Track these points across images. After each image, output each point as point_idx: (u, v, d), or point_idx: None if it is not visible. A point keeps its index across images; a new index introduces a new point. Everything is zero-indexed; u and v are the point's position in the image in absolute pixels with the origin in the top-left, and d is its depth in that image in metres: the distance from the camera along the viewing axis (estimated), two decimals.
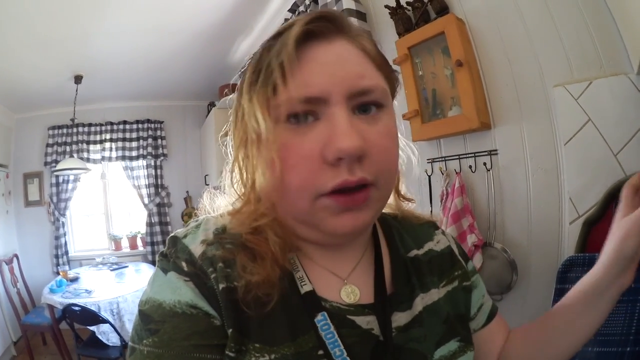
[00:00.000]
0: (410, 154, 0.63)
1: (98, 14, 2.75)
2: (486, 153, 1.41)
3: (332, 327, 0.47)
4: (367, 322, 0.50)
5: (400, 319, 0.52)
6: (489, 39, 1.38)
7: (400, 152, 0.55)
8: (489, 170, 1.40)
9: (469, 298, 0.62)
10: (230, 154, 0.54)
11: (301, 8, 2.28)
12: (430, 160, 1.63)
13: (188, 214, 4.82)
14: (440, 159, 1.60)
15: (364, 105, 0.46)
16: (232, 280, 0.46)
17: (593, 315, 0.56)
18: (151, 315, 0.45)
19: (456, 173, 1.52)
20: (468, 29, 1.43)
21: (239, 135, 0.51)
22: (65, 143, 4.39)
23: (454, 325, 0.56)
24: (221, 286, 0.45)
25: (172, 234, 0.52)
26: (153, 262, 4.37)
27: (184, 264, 0.47)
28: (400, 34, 1.64)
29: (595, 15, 1.08)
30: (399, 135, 0.52)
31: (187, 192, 4.88)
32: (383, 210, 0.61)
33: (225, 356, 0.44)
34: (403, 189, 0.64)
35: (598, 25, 1.08)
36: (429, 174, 1.64)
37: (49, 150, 4.43)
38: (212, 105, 4.30)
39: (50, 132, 4.47)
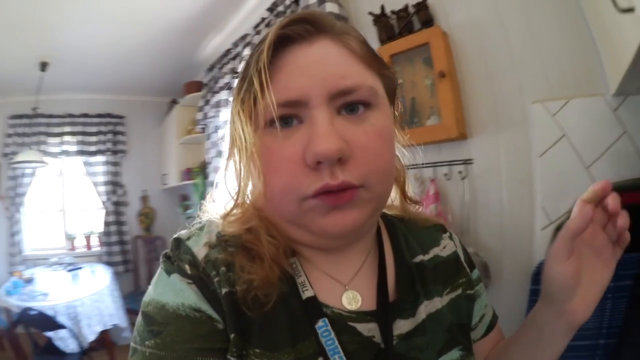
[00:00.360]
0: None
1: (66, 1, 2.62)
2: (461, 162, 1.47)
3: (333, 334, 0.47)
4: (368, 329, 0.49)
5: (403, 326, 0.51)
6: (472, 52, 1.45)
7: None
8: (463, 179, 1.46)
9: (471, 307, 0.61)
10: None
11: (280, 8, 2.27)
12: (405, 167, 1.67)
13: (144, 214, 4.66)
14: (415, 167, 1.64)
15: (351, 104, 0.45)
16: (234, 284, 0.46)
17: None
18: (154, 317, 0.45)
19: (431, 181, 1.57)
20: (451, 42, 1.49)
21: (230, 141, 0.51)
22: (25, 134, 4.10)
23: (456, 334, 0.55)
24: (224, 290, 0.45)
25: (175, 236, 0.52)
26: (108, 263, 4.20)
27: (187, 266, 0.47)
28: (382, 42, 1.68)
29: (576, 37, 1.17)
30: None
31: (144, 191, 4.72)
32: (389, 212, 0.64)
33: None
34: (410, 191, 0.63)
35: (578, 46, 1.17)
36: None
37: (8, 141, 4.12)
38: (174, 102, 4.18)
39: (10, 121, 4.17)
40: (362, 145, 0.44)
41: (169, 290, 0.46)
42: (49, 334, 2.54)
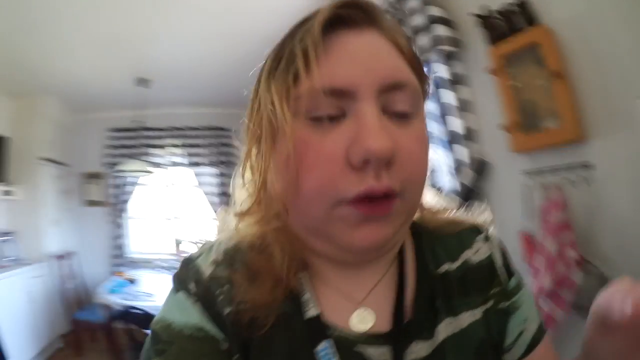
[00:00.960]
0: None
1: (162, 17, 2.82)
2: (581, 166, 1.38)
3: (336, 359, 0.43)
4: (379, 353, 0.45)
5: (420, 350, 0.45)
6: (577, 49, 1.36)
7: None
8: (585, 184, 1.38)
9: (504, 322, 0.52)
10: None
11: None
12: (526, 173, 1.61)
13: None
14: (536, 172, 1.58)
15: (397, 111, 0.42)
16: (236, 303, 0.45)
17: None
18: (160, 335, 0.45)
19: (556, 187, 1.50)
20: (559, 40, 1.41)
21: (254, 128, 0.47)
22: (125, 146, 4.56)
23: (486, 356, 0.49)
24: (227, 310, 0.45)
25: (186, 256, 0.52)
26: None
27: (193, 284, 0.47)
28: (491, 43, 1.64)
29: None
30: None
31: None
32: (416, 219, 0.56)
33: None
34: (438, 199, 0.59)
35: None
36: (527, 188, 1.62)
37: (110, 152, 4.63)
38: None
39: (111, 134, 4.67)
40: (406, 150, 0.41)
41: (175, 308, 0.46)
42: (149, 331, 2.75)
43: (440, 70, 1.90)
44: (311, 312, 0.45)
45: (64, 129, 4.55)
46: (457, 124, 1.87)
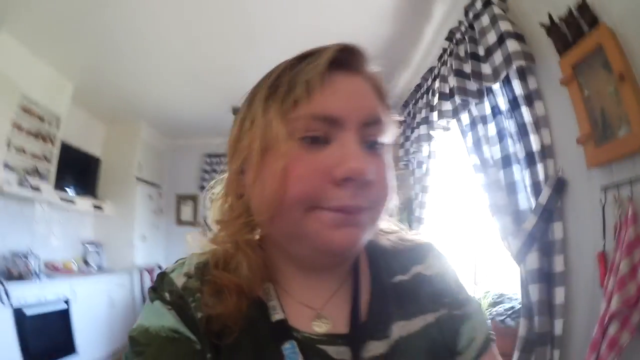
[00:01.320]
0: None
1: (253, 49, 3.07)
2: None
3: (300, 357, 0.48)
4: (338, 352, 0.50)
5: (377, 348, 0.51)
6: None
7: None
8: None
9: (457, 328, 0.58)
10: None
11: (458, 35, 2.34)
12: (603, 188, 1.49)
13: None
14: (613, 186, 1.45)
15: (371, 142, 0.50)
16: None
17: None
18: (138, 339, 0.49)
19: (629, 200, 1.36)
20: (620, 39, 1.31)
21: (243, 145, 0.53)
22: (219, 171, 4.94)
23: (438, 357, 0.54)
24: (199, 315, 0.50)
25: (160, 271, 0.58)
26: None
27: (167, 294, 0.52)
28: (559, 52, 1.58)
29: None
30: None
31: None
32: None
33: None
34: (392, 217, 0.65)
35: None
36: (603, 203, 1.49)
37: (205, 176, 5.01)
38: None
39: (207, 159, 5.07)
40: (378, 174, 0.49)
41: (151, 315, 0.51)
42: None
43: (515, 86, 1.86)
44: (278, 316, 0.52)
45: (157, 152, 5.08)
46: (533, 141, 1.80)
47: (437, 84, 2.70)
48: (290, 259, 0.55)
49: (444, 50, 2.56)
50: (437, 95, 2.67)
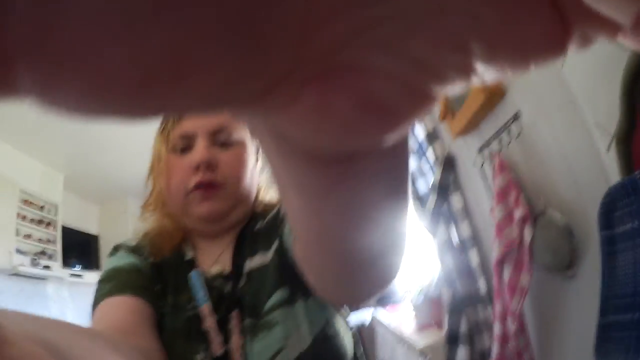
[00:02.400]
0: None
1: None
2: (512, 118, 1.25)
3: (201, 284, 0.60)
4: (223, 285, 0.62)
5: (242, 283, 0.62)
6: None
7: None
8: (518, 136, 1.23)
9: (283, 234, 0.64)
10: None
11: None
12: (479, 150, 1.49)
13: None
14: (486, 145, 1.45)
15: (223, 142, 0.63)
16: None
17: None
18: (106, 274, 0.60)
19: (497, 152, 1.37)
20: None
21: (153, 162, 0.70)
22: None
23: (283, 277, 0.61)
24: (150, 259, 0.64)
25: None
26: None
27: (127, 247, 0.66)
28: None
29: None
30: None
31: None
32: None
33: (152, 292, 0.59)
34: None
35: None
36: (481, 163, 1.49)
37: None
38: None
39: None
40: (224, 160, 0.62)
41: (117, 259, 0.63)
42: None
43: None
44: (188, 256, 0.66)
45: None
46: (420, 130, 1.82)
47: None
48: (193, 229, 0.67)
49: None
50: None
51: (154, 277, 0.62)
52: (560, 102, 0.99)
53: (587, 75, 0.87)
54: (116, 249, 0.67)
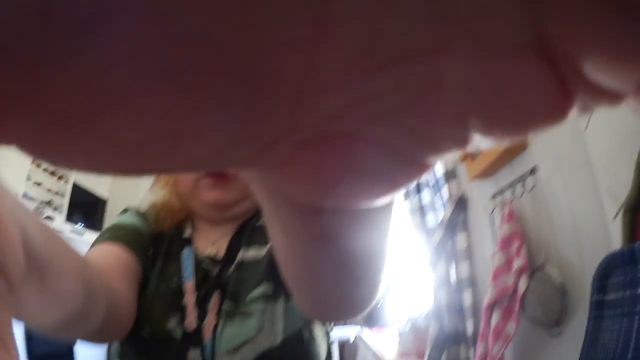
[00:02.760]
0: None
1: None
2: (529, 172, 1.25)
3: (192, 261, 0.62)
4: (212, 268, 0.63)
5: (231, 269, 0.62)
6: None
7: None
8: (532, 190, 1.23)
9: None
10: None
11: None
12: (491, 197, 1.49)
13: None
14: (499, 193, 1.45)
15: None
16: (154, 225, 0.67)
17: None
18: (110, 228, 0.64)
19: (508, 202, 1.36)
20: None
21: None
22: None
23: (270, 274, 0.61)
24: (152, 225, 0.66)
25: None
26: None
27: (137, 211, 0.68)
28: None
29: None
30: None
31: None
32: None
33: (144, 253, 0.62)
34: None
35: None
36: (491, 210, 1.49)
37: None
38: None
39: None
40: None
41: (123, 218, 0.66)
42: None
43: None
44: (187, 234, 0.66)
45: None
46: (438, 167, 1.82)
47: None
48: (199, 213, 0.68)
49: None
50: None
51: (151, 242, 0.64)
52: (578, 164, 0.99)
53: (607, 142, 0.87)
54: (126, 210, 0.69)
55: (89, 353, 3.50)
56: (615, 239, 0.84)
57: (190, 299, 0.58)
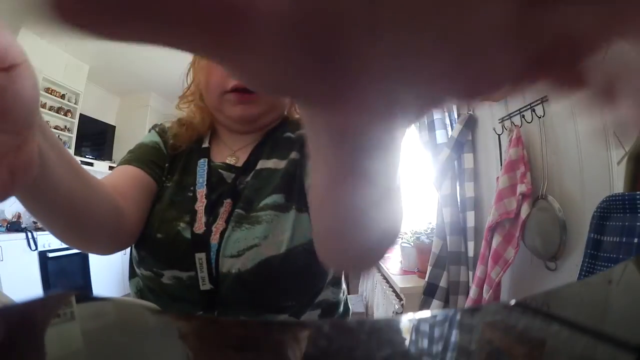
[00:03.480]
0: None
1: None
2: (538, 101, 1.23)
3: (205, 170, 0.65)
4: (229, 176, 0.65)
5: (248, 177, 0.64)
6: None
7: None
8: (540, 118, 1.22)
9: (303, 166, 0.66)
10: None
11: None
12: (500, 120, 1.49)
13: None
14: (507, 117, 1.44)
15: None
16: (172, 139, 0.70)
17: None
18: (133, 148, 0.68)
19: (515, 126, 1.36)
20: None
21: (193, 63, 0.73)
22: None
23: (285, 185, 0.62)
24: (170, 140, 0.69)
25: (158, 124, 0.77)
26: None
27: (158, 128, 0.72)
28: None
29: None
30: None
31: None
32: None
33: (161, 168, 0.66)
34: None
35: None
36: (499, 133, 1.49)
37: None
38: None
39: None
40: None
41: (147, 137, 0.70)
42: None
43: None
44: (205, 145, 0.69)
45: (166, 117, 5.27)
46: None
47: None
48: (222, 124, 0.71)
49: None
50: None
51: (169, 156, 0.68)
52: None
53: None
54: (154, 127, 0.74)
55: (106, 288, 3.81)
56: (617, 184, 0.87)
57: (200, 204, 0.61)
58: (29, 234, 3.02)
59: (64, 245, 3.23)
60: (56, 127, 3.84)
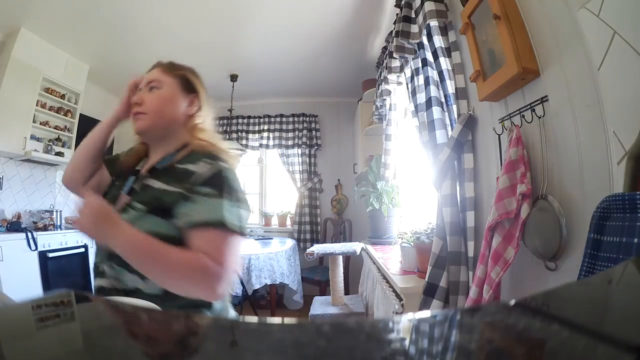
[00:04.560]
0: None
1: (240, 26, 3.17)
2: (538, 101, 1.23)
3: (130, 183, 1.03)
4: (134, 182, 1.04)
5: (140, 186, 1.00)
6: None
7: None
8: (540, 118, 1.22)
9: (179, 201, 0.88)
10: None
11: (403, 1, 2.30)
12: (500, 120, 1.49)
13: (337, 200, 5.03)
14: (507, 117, 1.44)
15: (150, 87, 1.04)
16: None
17: None
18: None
19: (515, 126, 1.36)
20: None
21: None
22: (225, 132, 5.01)
23: (152, 202, 0.91)
24: (120, 160, 1.18)
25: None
26: (298, 240, 4.75)
27: (122, 152, 1.23)
28: (463, 5, 1.55)
29: None
30: None
31: (338, 180, 5.10)
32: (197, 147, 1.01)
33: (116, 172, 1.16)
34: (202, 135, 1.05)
35: None
36: (499, 134, 1.49)
37: None
38: (360, 100, 4.33)
39: None
40: (147, 99, 1.02)
41: (118, 153, 1.23)
42: None
43: (436, 41, 1.84)
44: (140, 166, 1.11)
45: None
46: (449, 86, 1.78)
47: (389, 44, 2.66)
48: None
49: (396, 15, 2.51)
50: (386, 53, 2.65)
51: (119, 170, 1.12)
52: (589, 102, 0.97)
53: (621, 86, 0.84)
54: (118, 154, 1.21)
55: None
56: (617, 184, 0.87)
57: (123, 199, 0.99)
58: (29, 234, 3.02)
59: (64, 245, 3.35)
60: (56, 127, 3.87)
